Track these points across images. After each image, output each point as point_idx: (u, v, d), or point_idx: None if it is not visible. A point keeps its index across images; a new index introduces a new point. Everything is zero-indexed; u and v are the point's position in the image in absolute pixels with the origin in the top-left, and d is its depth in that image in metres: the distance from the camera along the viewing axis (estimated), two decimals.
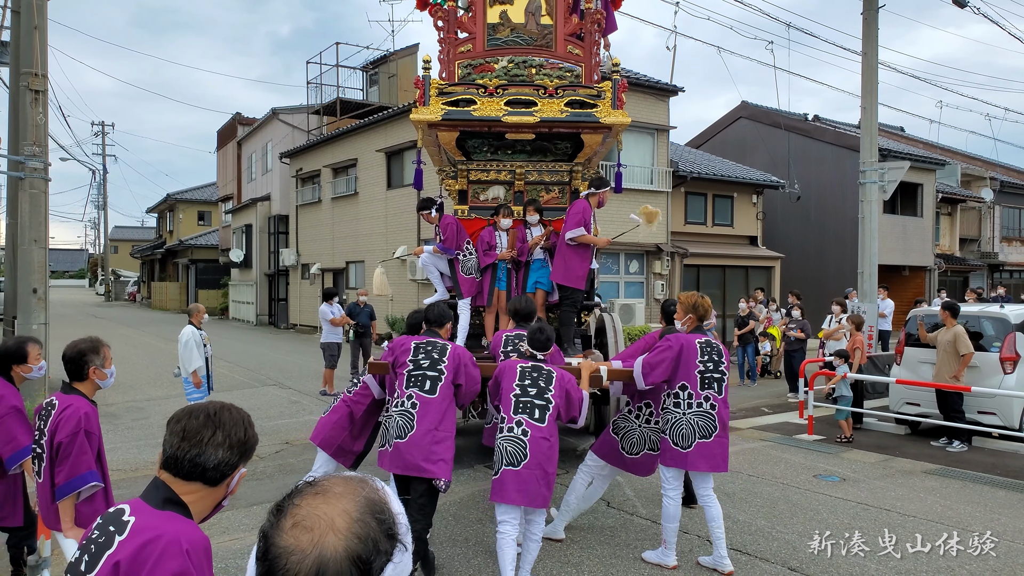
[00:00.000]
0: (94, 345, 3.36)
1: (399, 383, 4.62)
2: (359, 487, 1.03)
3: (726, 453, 4.82)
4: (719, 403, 4.80)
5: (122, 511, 1.65)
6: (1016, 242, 28.73)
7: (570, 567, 4.87)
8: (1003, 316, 9.07)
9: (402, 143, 18.82)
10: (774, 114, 22.49)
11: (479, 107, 6.58)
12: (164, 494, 1.67)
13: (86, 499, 3.26)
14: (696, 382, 4.78)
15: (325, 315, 11.71)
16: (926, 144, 28.14)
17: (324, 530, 0.96)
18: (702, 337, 4.91)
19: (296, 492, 1.04)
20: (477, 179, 7.43)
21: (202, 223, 41.61)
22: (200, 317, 7.91)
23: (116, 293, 49.13)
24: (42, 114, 8.88)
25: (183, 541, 1.57)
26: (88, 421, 3.22)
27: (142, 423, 9.46)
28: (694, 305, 4.95)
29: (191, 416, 1.70)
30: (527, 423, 4.35)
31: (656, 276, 17.37)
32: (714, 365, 4.84)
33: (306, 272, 24.33)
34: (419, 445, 4.40)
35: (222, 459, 1.68)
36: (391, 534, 1.00)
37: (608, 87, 6.67)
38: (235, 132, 31.56)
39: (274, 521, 1.00)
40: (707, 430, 4.74)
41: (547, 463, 4.33)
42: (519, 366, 4.58)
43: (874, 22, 13.17)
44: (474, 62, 6.95)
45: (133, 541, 1.56)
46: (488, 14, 6.93)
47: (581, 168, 7.40)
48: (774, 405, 11.57)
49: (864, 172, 13.12)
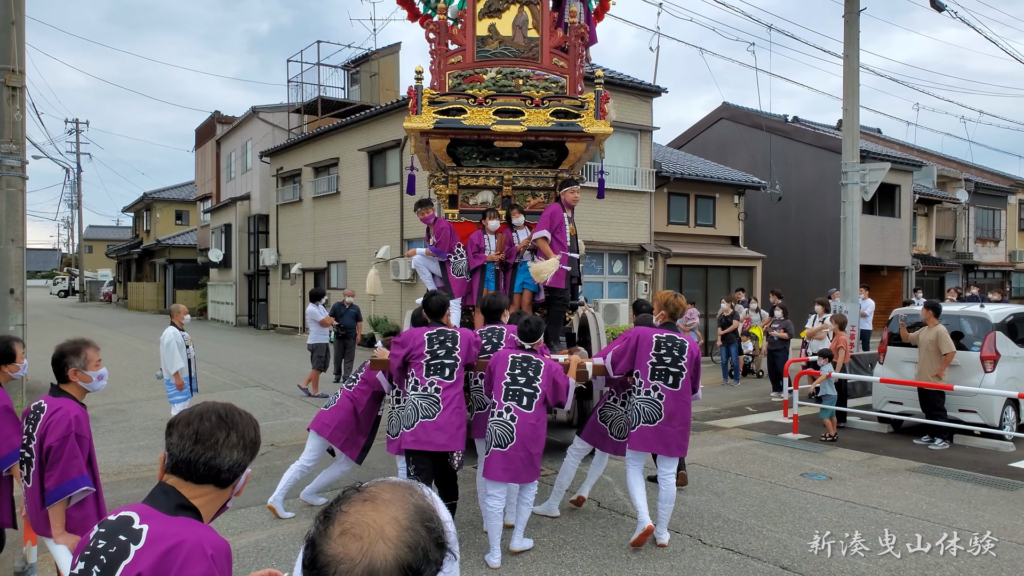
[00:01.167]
0: (75, 347, 3.28)
1: (418, 372, 5.05)
2: (407, 494, 1.00)
3: (674, 440, 5.18)
4: (667, 394, 5.18)
5: (130, 519, 1.59)
6: (990, 242, 29.23)
7: (564, 568, 4.85)
8: (983, 315, 9.21)
9: (384, 142, 18.71)
10: (755, 115, 22.67)
11: (469, 116, 6.87)
12: (176, 500, 1.63)
13: (77, 504, 3.18)
14: (646, 372, 5.21)
15: (315, 316, 11.61)
16: (903, 146, 28.53)
17: (374, 538, 0.93)
18: (663, 332, 5.29)
19: (344, 498, 1.00)
20: (467, 184, 7.68)
21: (180, 222, 41.10)
22: (182, 318, 7.80)
23: (91, 293, 48.36)
24: (19, 111, 8.71)
25: (207, 546, 1.53)
26: (78, 424, 3.15)
27: (123, 426, 9.30)
28: (666, 302, 5.43)
29: (202, 419, 1.66)
30: (515, 409, 4.86)
31: (640, 276, 17.43)
32: (671, 359, 5.20)
33: (287, 272, 24.12)
34: (446, 426, 4.94)
35: (236, 460, 1.67)
36: (441, 543, 0.97)
37: (591, 98, 6.97)
38: (214, 130, 31.21)
39: (322, 528, 0.97)
40: (651, 416, 5.18)
41: (532, 445, 4.86)
42: (511, 356, 5.03)
43: (855, 25, 13.31)
44: (464, 73, 7.24)
45: (153, 549, 1.52)
46: (477, 27, 7.23)
47: (566, 174, 7.65)
48: (758, 404, 11.66)
49: (846, 173, 13.25)
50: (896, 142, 29.64)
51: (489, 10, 7.24)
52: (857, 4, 13.29)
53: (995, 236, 29.47)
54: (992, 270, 29.67)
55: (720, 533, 5.49)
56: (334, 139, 21.37)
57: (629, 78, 17.46)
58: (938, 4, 14.07)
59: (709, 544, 5.27)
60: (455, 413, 4.99)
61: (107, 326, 25.68)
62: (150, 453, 7.81)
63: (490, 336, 5.85)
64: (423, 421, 4.93)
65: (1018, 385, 8.69)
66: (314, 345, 11.57)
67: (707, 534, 5.47)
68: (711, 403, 11.64)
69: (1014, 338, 9.16)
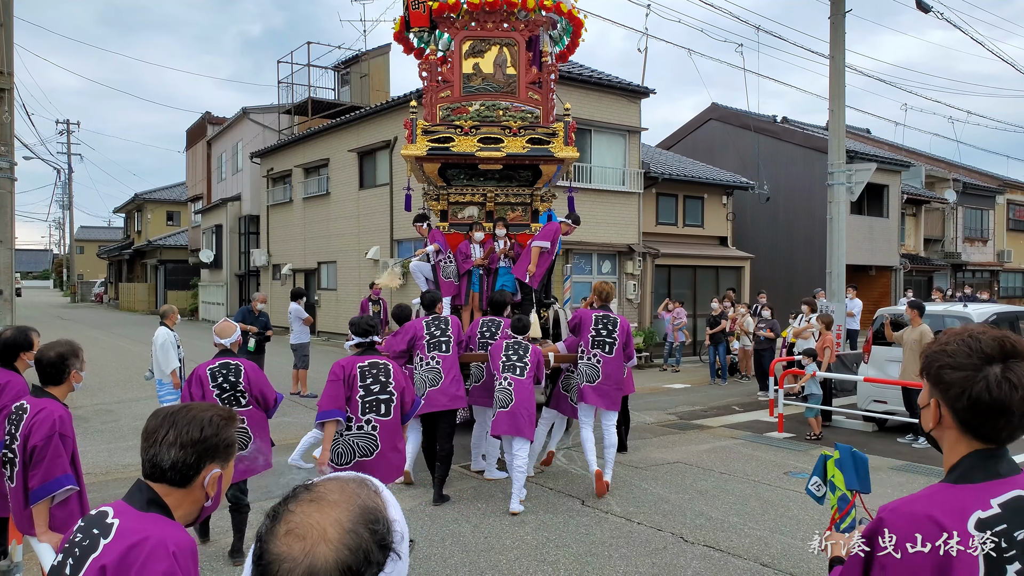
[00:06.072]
0: (74, 349, 3.35)
1: (422, 351, 6.41)
2: (356, 494, 1.03)
3: (609, 397, 6.55)
4: (604, 359, 6.56)
5: (105, 513, 1.64)
6: (978, 242, 29.42)
7: (546, 565, 4.91)
8: (966, 315, 9.32)
9: (374, 143, 18.73)
10: (743, 116, 22.77)
11: (456, 144, 8.07)
12: (147, 495, 1.67)
13: (60, 503, 3.22)
14: (588, 343, 6.61)
15: (300, 314, 11.63)
16: (891, 146, 28.69)
17: (316, 540, 0.97)
18: (600, 312, 6.72)
19: (292, 497, 1.04)
20: (456, 201, 8.72)
21: (171, 223, 40.97)
22: (174, 319, 7.88)
23: (83, 294, 48.13)
24: (8, 112, 8.71)
25: (169, 543, 1.57)
26: (63, 424, 3.19)
27: (112, 426, 9.32)
28: (599, 290, 6.94)
29: (153, 416, 1.71)
30: (511, 378, 6.16)
31: (628, 276, 17.51)
32: (607, 333, 6.60)
33: (277, 273, 24.10)
34: (447, 391, 6.30)
35: (177, 459, 1.65)
36: (384, 544, 1.00)
37: (561, 127, 8.18)
38: (204, 131, 31.13)
39: (269, 526, 1.01)
40: (592, 377, 6.55)
41: (527, 404, 6.12)
42: (505, 342, 6.41)
43: (841, 26, 13.42)
44: (452, 105, 8.37)
45: (119, 544, 1.56)
46: (463, 65, 8.40)
47: (541, 191, 8.89)
48: (744, 403, 11.75)
49: (832, 174, 13.35)
50: (885, 142, 29.81)
51: (473, 51, 8.44)
52: (843, 5, 13.40)
53: (983, 236, 29.68)
54: (980, 270, 29.87)
55: (702, 531, 5.57)
56: (324, 140, 21.37)
57: (618, 79, 17.54)
58: (924, 5, 14.20)
59: (691, 542, 5.34)
60: (454, 382, 6.34)
61: (99, 327, 25.60)
62: (138, 453, 7.70)
63: (490, 325, 7.07)
64: (430, 390, 6.25)
65: None
66: (297, 344, 11.59)
67: (689, 532, 5.54)
68: (698, 402, 11.73)
69: None
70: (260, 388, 4.89)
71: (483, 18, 8.32)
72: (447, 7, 8.19)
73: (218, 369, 4.83)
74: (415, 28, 8.74)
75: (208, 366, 4.83)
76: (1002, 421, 1.43)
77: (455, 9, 8.23)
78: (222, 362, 4.87)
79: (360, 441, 4.69)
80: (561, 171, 8.72)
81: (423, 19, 8.38)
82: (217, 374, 4.81)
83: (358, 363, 4.79)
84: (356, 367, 4.76)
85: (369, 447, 4.69)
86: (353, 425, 4.70)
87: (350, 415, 4.70)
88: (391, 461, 4.77)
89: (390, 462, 4.76)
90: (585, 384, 6.53)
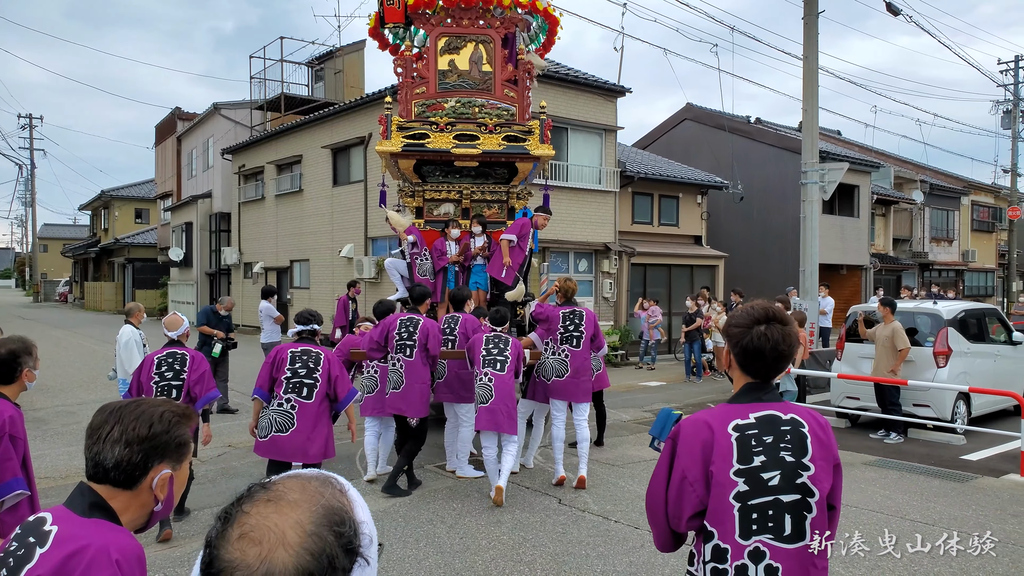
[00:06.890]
0: (26, 346, 3.18)
1: (391, 349, 6.35)
2: (319, 493, 0.92)
3: (580, 390, 6.65)
4: (572, 353, 6.66)
5: (43, 520, 1.50)
6: (944, 242, 29.94)
7: (523, 565, 4.82)
8: (936, 312, 9.41)
9: (348, 139, 18.50)
10: (718, 116, 22.90)
11: (432, 140, 7.97)
12: (90, 499, 1.52)
13: (10, 508, 3.06)
14: (557, 339, 6.73)
15: (271, 312, 11.43)
16: (862, 147, 29.07)
17: (274, 544, 0.85)
18: (567, 308, 6.81)
19: (246, 497, 0.92)
20: (431, 198, 8.62)
21: (139, 221, 40.19)
22: (140, 317, 7.71)
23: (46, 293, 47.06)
24: None
25: (112, 550, 1.43)
26: (13, 425, 3.02)
27: (72, 428, 9.05)
28: (562, 288, 6.96)
29: (100, 411, 1.57)
30: (492, 374, 6.14)
31: (605, 275, 17.50)
32: (574, 327, 6.70)
33: (249, 271, 23.73)
34: (407, 396, 6.25)
35: (121, 457, 1.50)
36: (350, 548, 0.89)
37: (536, 125, 8.14)
38: (174, 127, 30.58)
39: (220, 530, 0.89)
40: (561, 372, 6.65)
41: (507, 399, 6.11)
42: (485, 336, 6.37)
43: (814, 26, 13.50)
44: (428, 102, 8.27)
45: (56, 553, 1.43)
46: (439, 62, 8.32)
47: (517, 189, 8.83)
48: (719, 400, 11.70)
49: (805, 172, 13.43)
50: (855, 143, 30.20)
51: (449, 47, 8.33)
52: (816, 6, 13.49)
53: (949, 236, 30.20)
54: (946, 269, 30.40)
55: None
56: (297, 136, 21.08)
57: (594, 78, 17.51)
58: (894, 8, 14.37)
59: None
60: (414, 387, 6.25)
61: (62, 326, 25.02)
62: None
63: (450, 321, 7.13)
64: (393, 391, 6.30)
65: (969, 380, 8.90)
66: (268, 343, 11.39)
67: None
68: (674, 399, 11.73)
69: (965, 334, 9.38)
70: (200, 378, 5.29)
71: (459, 15, 8.25)
72: (422, 3, 8.09)
73: (164, 357, 5.29)
74: (390, 24, 8.65)
75: (156, 354, 5.32)
76: (760, 363, 2.04)
77: (430, 5, 8.15)
78: (170, 351, 5.34)
79: (278, 417, 5.21)
80: (537, 168, 8.75)
81: (398, 15, 8.30)
82: (163, 362, 5.27)
83: (291, 348, 5.35)
84: (288, 352, 5.32)
85: (285, 423, 5.19)
86: (274, 402, 5.25)
87: (275, 393, 5.26)
88: (305, 440, 5.20)
89: (304, 440, 5.20)
90: (554, 379, 6.65)
